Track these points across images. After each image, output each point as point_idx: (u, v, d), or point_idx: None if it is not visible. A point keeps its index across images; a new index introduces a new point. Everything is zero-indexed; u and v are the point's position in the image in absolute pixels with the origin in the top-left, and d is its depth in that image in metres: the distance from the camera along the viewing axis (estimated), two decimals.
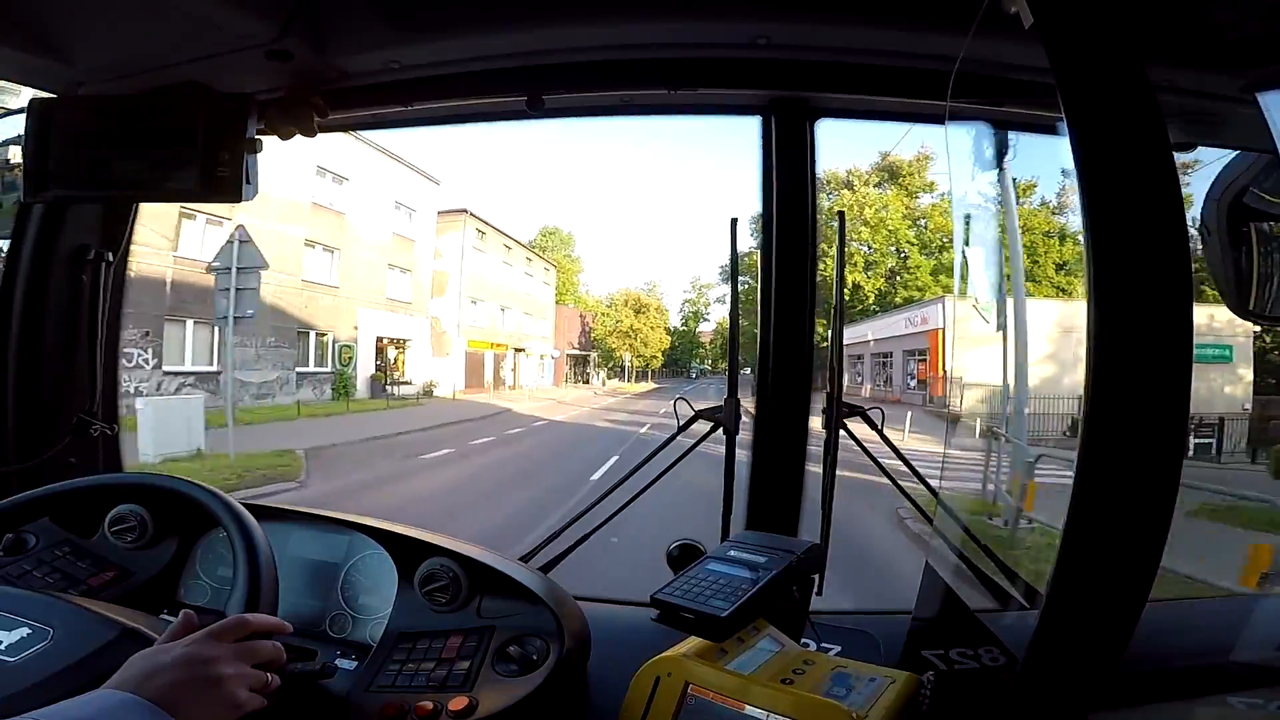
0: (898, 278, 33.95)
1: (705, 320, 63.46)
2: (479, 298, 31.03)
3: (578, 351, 49.45)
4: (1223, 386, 12.99)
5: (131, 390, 12.21)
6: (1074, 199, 0.64)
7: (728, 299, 1.46)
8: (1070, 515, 0.63)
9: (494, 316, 33.38)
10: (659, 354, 54.49)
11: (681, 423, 1.41)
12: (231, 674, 0.69)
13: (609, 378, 51.73)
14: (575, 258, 58.86)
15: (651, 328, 52.82)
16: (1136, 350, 0.61)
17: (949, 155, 1.23)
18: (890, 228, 33.61)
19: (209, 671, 0.67)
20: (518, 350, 35.92)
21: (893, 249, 34.37)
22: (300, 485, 8.28)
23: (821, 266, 1.36)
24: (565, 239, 58.50)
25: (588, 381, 48.86)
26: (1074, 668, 0.66)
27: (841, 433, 1.30)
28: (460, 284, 28.82)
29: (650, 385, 50.27)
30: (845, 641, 1.15)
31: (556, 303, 50.63)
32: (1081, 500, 0.63)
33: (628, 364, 50.97)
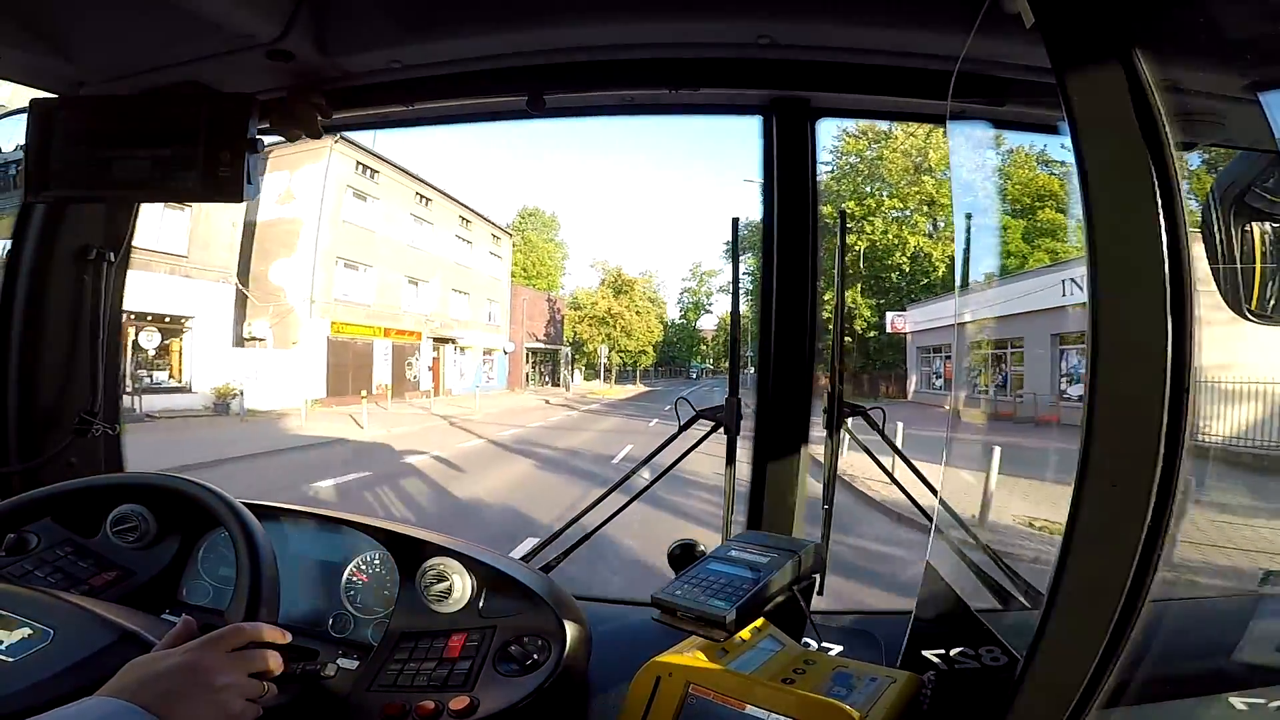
0: None
1: (707, 311, 54.64)
2: (360, 261, 21.32)
3: (543, 345, 38.96)
4: None
5: None
6: None
7: (732, 287, 1.46)
8: (1070, 515, 0.63)
9: (392, 291, 23.18)
10: (649, 348, 43.63)
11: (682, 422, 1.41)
12: (228, 683, 0.69)
13: (588, 378, 41.03)
14: (560, 242, 51.94)
15: (637, 313, 41.29)
16: (1137, 349, 0.61)
17: (951, 154, 1.23)
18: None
19: (205, 680, 0.67)
20: (440, 341, 26.15)
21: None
22: None
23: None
24: (548, 221, 51.52)
25: (557, 383, 38.85)
26: (1074, 668, 0.66)
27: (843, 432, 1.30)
28: (318, 238, 19.12)
29: (637, 388, 39.37)
30: (846, 641, 1.15)
31: (528, 286, 40.88)
32: (1081, 500, 0.63)
33: (604, 360, 39.67)
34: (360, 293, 21.88)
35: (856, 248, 27.47)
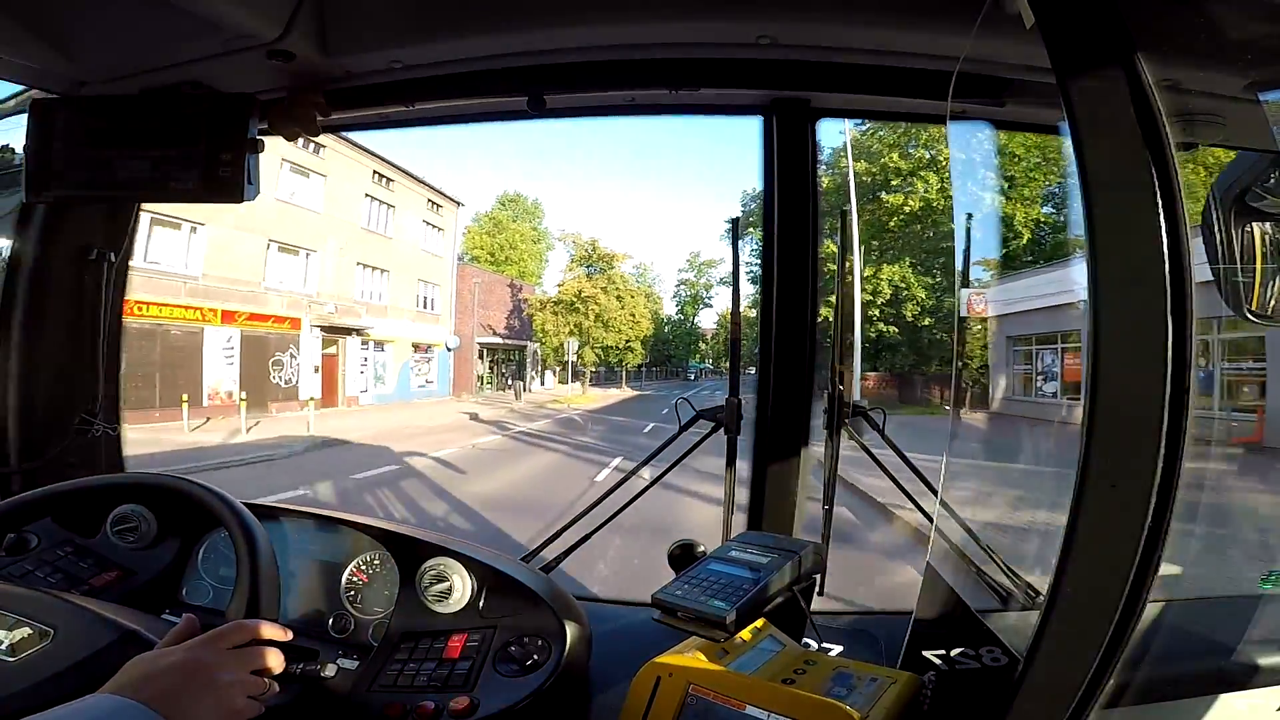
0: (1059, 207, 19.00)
1: (707, 305, 48.09)
2: (180, 218, 14.91)
3: (504, 340, 30.92)
4: None
5: None
6: None
7: (732, 287, 1.46)
8: (1070, 515, 0.63)
9: (245, 261, 16.65)
10: (636, 343, 33.35)
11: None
12: (230, 680, 0.69)
13: (564, 380, 31.96)
14: (544, 230, 44.42)
15: (617, 297, 31.16)
16: (1137, 350, 0.61)
17: (951, 154, 1.23)
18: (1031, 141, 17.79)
19: (207, 677, 0.68)
20: (336, 331, 19.40)
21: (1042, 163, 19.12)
22: None
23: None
24: (531, 208, 44.50)
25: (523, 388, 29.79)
26: (1074, 668, 0.66)
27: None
28: None
29: (622, 393, 32.07)
30: (846, 642, 1.15)
31: (496, 272, 33.35)
32: (1081, 500, 0.63)
33: (573, 357, 29.55)
34: (176, 260, 15.01)
35: (906, 208, 22.90)
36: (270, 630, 0.78)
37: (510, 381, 30.18)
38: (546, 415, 19.89)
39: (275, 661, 0.76)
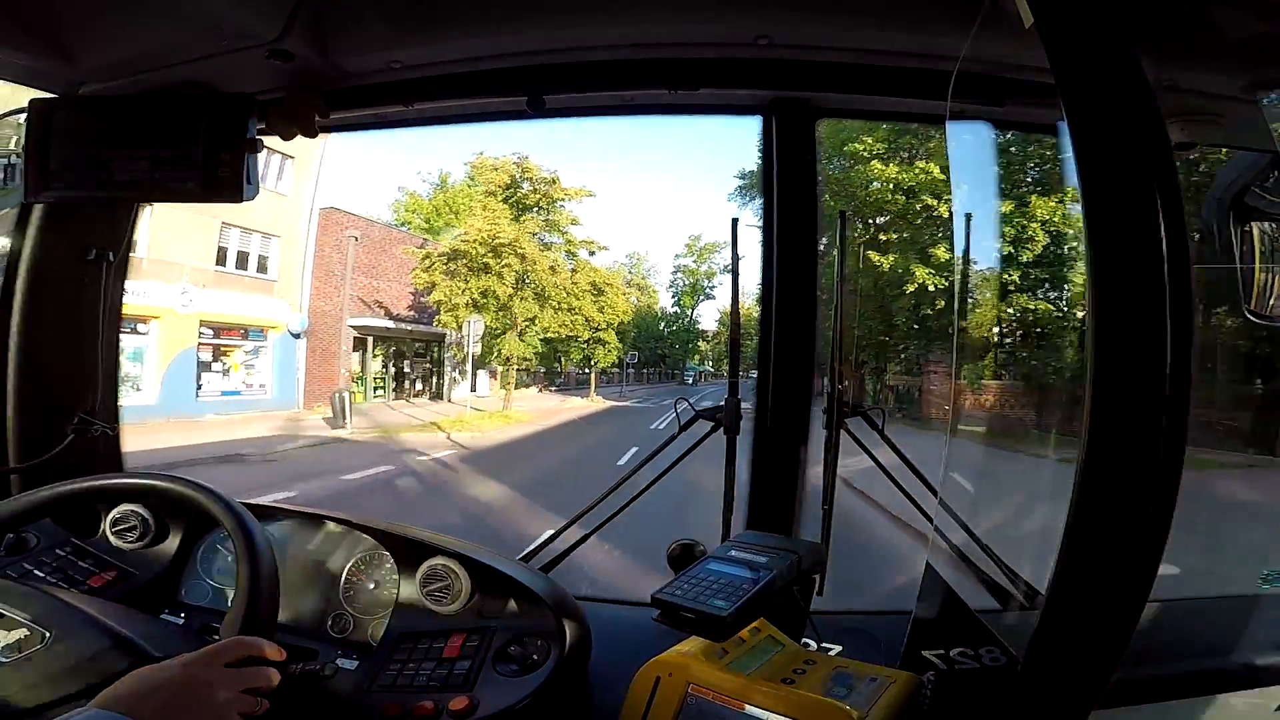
0: None
1: (708, 296, 40.80)
2: None
3: (399, 325, 20.02)
4: None
5: None
6: None
7: (731, 288, 1.45)
8: (1071, 515, 0.63)
9: None
10: (609, 333, 22.21)
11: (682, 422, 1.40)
12: (225, 699, 0.70)
13: (512, 384, 19.66)
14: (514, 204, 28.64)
15: (570, 254, 20.59)
16: (1138, 350, 0.61)
17: (950, 155, 1.23)
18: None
19: (203, 695, 0.68)
20: None
21: None
22: None
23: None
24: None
25: (439, 394, 20.92)
26: (1074, 667, 0.66)
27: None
28: None
29: (584, 405, 22.06)
30: (846, 641, 1.15)
31: (429, 238, 22.39)
32: (1082, 500, 0.63)
33: (474, 347, 17.84)
34: None
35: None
36: (266, 648, 0.78)
37: (420, 383, 20.09)
38: (354, 470, 9.93)
39: (269, 680, 0.76)
